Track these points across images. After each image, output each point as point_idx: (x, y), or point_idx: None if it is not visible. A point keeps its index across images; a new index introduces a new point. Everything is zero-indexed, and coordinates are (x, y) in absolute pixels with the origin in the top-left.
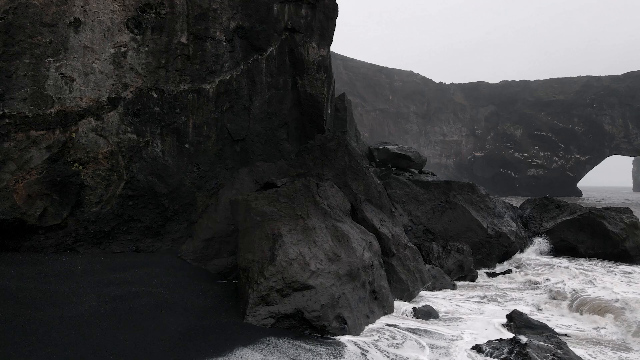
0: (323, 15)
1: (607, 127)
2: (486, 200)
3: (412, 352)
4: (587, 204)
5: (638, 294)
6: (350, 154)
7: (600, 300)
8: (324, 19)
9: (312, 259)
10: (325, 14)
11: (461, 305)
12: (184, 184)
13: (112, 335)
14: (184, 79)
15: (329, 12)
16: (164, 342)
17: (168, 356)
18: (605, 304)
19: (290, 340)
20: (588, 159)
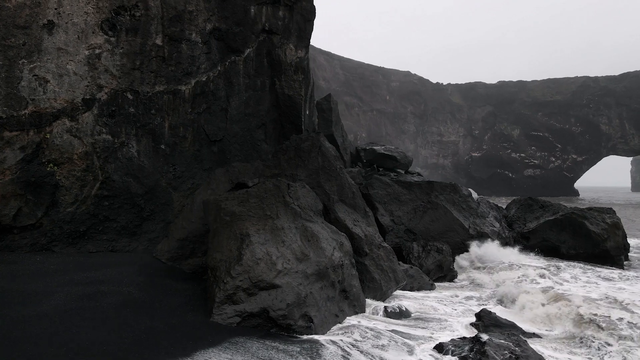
0: (300, 17)
1: (604, 128)
2: (468, 201)
3: (375, 350)
4: (583, 204)
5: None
6: (324, 154)
7: (559, 302)
8: (302, 21)
9: (279, 259)
10: (302, 15)
11: (435, 304)
12: (160, 185)
13: (74, 333)
14: (159, 80)
15: (307, 14)
16: (126, 341)
17: (128, 354)
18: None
19: (259, 339)
20: (585, 159)
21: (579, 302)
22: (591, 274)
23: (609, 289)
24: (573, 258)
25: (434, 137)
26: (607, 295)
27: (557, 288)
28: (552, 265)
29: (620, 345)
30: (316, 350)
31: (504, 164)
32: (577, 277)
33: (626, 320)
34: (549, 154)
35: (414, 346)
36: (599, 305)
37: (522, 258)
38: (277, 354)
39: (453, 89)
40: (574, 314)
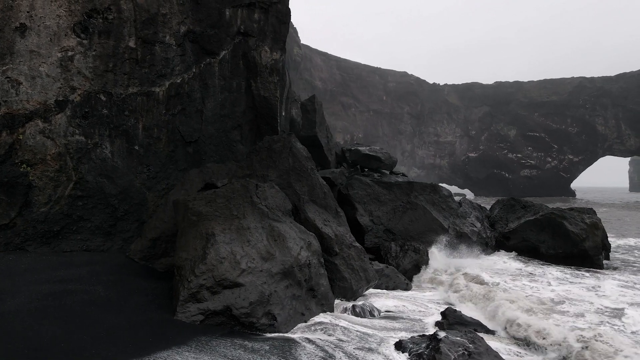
0: (276, 20)
1: (600, 128)
2: (448, 201)
3: (336, 347)
4: (579, 204)
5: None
6: (295, 155)
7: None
8: (277, 23)
9: (243, 258)
10: (277, 18)
11: (407, 303)
12: (133, 185)
13: (35, 331)
14: (132, 82)
15: (282, 16)
16: (87, 338)
17: (87, 351)
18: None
19: (224, 337)
20: (581, 160)
21: (524, 304)
22: (560, 274)
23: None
24: (552, 257)
25: (431, 137)
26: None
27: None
28: (525, 268)
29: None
30: (280, 347)
31: (501, 164)
32: (542, 278)
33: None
34: (546, 154)
35: (376, 344)
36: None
37: (498, 259)
38: (245, 353)
39: (450, 90)
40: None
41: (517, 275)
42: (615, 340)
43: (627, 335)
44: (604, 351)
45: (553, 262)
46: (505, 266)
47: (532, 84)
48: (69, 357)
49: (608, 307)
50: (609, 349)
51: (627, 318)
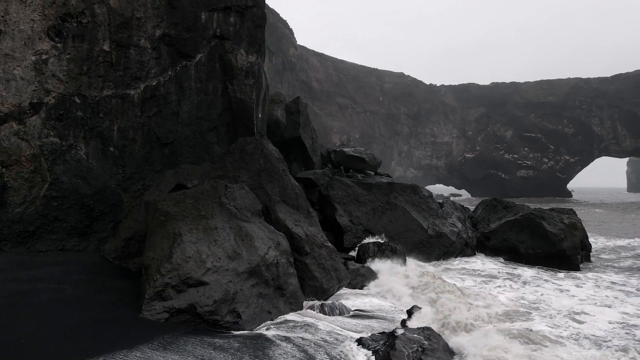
0: (251, 23)
1: (596, 129)
2: (429, 202)
3: (298, 344)
4: (574, 205)
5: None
6: (266, 156)
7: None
8: (253, 27)
9: (209, 257)
10: (253, 22)
11: (379, 302)
12: (109, 186)
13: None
14: (107, 85)
15: (257, 20)
16: (50, 336)
17: (48, 348)
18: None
19: (190, 335)
20: (577, 160)
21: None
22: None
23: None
24: (531, 257)
25: (428, 138)
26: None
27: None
28: (499, 269)
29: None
30: (240, 346)
31: (497, 165)
32: (511, 281)
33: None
34: (542, 155)
35: (339, 341)
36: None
37: (475, 260)
38: (204, 349)
39: (446, 90)
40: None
41: (490, 277)
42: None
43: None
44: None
45: (532, 261)
46: (480, 268)
47: (528, 85)
48: (28, 355)
49: (561, 312)
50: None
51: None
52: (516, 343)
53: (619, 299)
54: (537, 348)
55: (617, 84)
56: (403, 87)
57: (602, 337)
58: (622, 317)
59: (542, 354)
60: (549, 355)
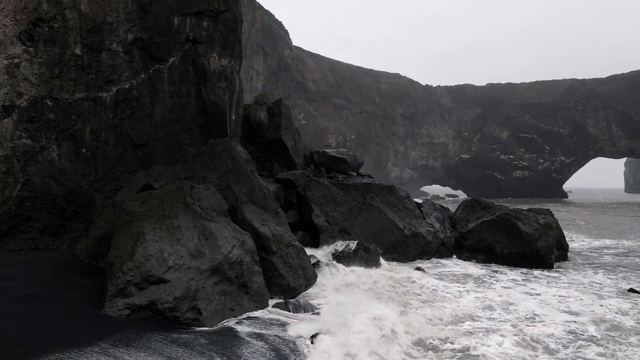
0: (224, 27)
1: (592, 130)
2: (405, 202)
3: (252, 341)
4: (568, 205)
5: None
6: (234, 158)
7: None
8: (225, 31)
9: (171, 255)
10: (226, 26)
11: (343, 300)
12: (81, 186)
13: None
14: (79, 88)
15: (230, 24)
16: (6, 331)
17: (5, 344)
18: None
19: (148, 330)
20: (573, 161)
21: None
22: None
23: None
24: (507, 257)
25: (424, 138)
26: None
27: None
28: (471, 270)
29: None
30: (195, 340)
31: (493, 165)
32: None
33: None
34: (538, 155)
35: (296, 335)
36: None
37: (449, 261)
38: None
39: (442, 91)
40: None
41: (460, 278)
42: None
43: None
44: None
45: (507, 261)
46: (453, 268)
47: (524, 86)
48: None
49: (517, 315)
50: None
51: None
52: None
53: (583, 300)
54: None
55: (612, 85)
56: (399, 87)
57: (546, 343)
58: (568, 321)
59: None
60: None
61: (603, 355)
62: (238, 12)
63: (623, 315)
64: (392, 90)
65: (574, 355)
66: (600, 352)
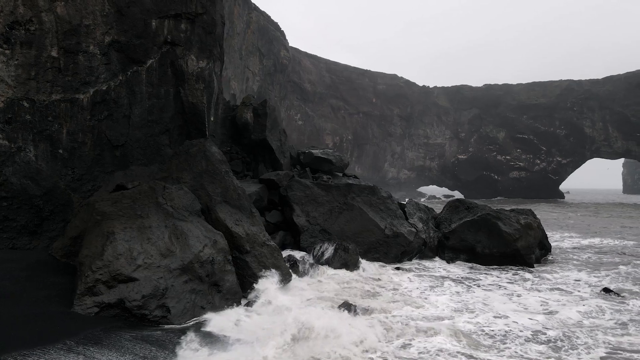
0: (202, 30)
1: (588, 131)
2: (387, 202)
3: (218, 338)
4: (563, 205)
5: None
6: (208, 159)
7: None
8: (203, 33)
9: (140, 254)
10: (204, 28)
11: (314, 298)
12: (58, 186)
13: None
14: (55, 89)
15: (208, 26)
16: None
17: None
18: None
19: (116, 327)
20: (569, 162)
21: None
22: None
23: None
24: (488, 257)
25: (421, 139)
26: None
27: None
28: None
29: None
30: (163, 337)
31: (490, 166)
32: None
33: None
34: (534, 156)
35: (265, 332)
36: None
37: (428, 262)
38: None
39: (439, 92)
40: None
41: (437, 279)
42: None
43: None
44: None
45: (488, 261)
46: (433, 269)
47: (520, 87)
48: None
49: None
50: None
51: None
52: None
53: (553, 300)
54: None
55: (609, 86)
56: (396, 88)
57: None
58: (532, 323)
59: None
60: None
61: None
62: (216, 15)
63: (584, 317)
64: (389, 91)
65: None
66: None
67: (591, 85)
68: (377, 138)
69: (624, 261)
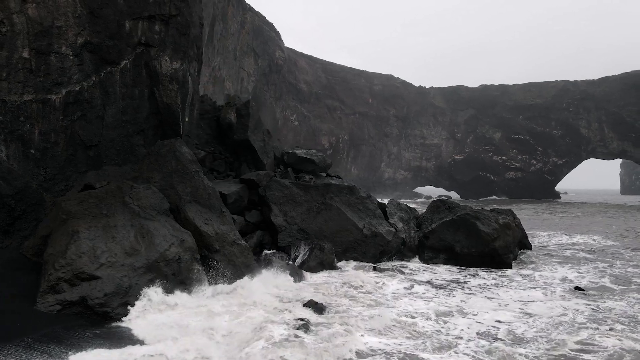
0: (176, 31)
1: (584, 131)
2: (366, 202)
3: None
4: (559, 206)
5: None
6: (178, 158)
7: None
8: (177, 35)
9: (104, 253)
10: (178, 30)
11: (282, 296)
12: (30, 186)
13: None
14: (27, 90)
15: (182, 28)
16: None
17: None
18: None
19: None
20: (565, 162)
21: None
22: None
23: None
24: (466, 256)
25: (417, 140)
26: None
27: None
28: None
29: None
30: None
31: (486, 166)
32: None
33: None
34: (530, 156)
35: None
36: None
37: (408, 262)
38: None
39: (435, 92)
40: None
41: (410, 282)
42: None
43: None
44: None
45: (467, 260)
46: (409, 270)
47: (516, 87)
48: None
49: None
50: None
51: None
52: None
53: (521, 300)
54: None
55: (604, 87)
56: (392, 89)
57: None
58: (487, 328)
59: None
60: None
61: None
62: (193, 16)
63: (546, 316)
64: (385, 92)
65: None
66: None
67: (587, 85)
68: (373, 138)
69: (601, 260)
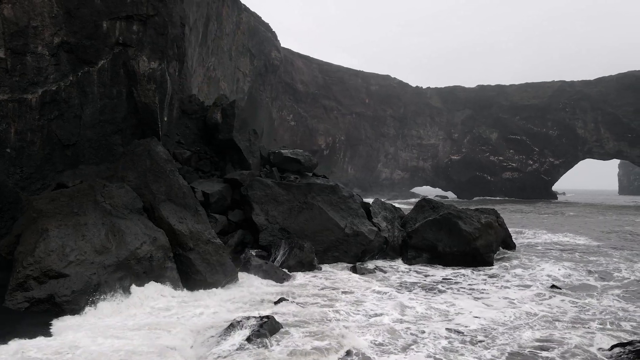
0: (154, 31)
1: (580, 131)
2: (348, 202)
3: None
4: (556, 206)
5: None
6: (153, 158)
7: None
8: (155, 35)
9: (73, 251)
10: (155, 30)
11: (256, 295)
12: (6, 185)
13: None
14: (2, 89)
15: (159, 28)
16: None
17: None
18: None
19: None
20: (562, 163)
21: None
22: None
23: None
24: (448, 255)
25: (414, 140)
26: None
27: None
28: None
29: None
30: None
31: (483, 167)
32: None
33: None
34: (527, 157)
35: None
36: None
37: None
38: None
39: (432, 93)
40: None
41: (386, 285)
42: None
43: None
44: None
45: (449, 259)
46: (390, 271)
47: (513, 88)
48: None
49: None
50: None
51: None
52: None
53: (499, 299)
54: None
55: (600, 87)
56: (389, 89)
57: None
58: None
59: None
60: None
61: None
62: (174, 16)
63: (521, 314)
64: (382, 92)
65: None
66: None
67: (583, 86)
68: (370, 139)
69: (583, 259)
